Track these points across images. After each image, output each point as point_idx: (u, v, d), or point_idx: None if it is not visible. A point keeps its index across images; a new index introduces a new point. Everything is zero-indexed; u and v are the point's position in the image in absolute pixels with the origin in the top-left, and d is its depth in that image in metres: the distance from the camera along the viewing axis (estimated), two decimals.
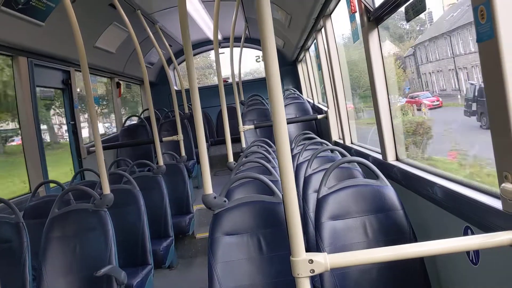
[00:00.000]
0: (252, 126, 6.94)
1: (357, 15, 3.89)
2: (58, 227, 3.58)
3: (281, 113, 1.61)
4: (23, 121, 5.15)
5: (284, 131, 1.62)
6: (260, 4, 1.60)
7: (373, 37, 3.62)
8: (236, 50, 8.42)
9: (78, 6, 4.65)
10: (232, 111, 7.63)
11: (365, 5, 3.58)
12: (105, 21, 6.42)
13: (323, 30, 5.67)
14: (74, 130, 6.37)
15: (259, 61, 11.92)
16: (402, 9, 3.06)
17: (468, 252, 2.30)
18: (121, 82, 8.65)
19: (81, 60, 3.79)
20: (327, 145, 4.65)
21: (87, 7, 5.52)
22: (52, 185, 5.33)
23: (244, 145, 6.14)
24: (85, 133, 7.35)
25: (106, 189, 3.71)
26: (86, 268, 3.41)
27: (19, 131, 5.24)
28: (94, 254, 3.45)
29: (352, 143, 5.48)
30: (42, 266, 3.47)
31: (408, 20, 2.99)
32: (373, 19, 3.55)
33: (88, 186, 4.43)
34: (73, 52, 5.94)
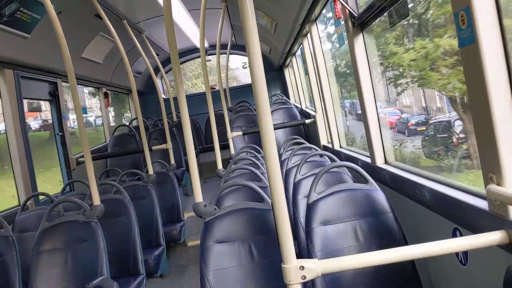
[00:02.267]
0: (240, 133, 6.94)
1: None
2: (49, 239, 3.56)
3: (268, 118, 1.63)
4: (10, 133, 5.11)
5: (271, 137, 1.63)
6: (244, 12, 1.62)
7: (359, 42, 3.65)
8: (223, 57, 8.44)
9: (63, 17, 4.65)
10: (220, 118, 7.64)
11: (349, 11, 3.62)
12: (91, 31, 6.40)
13: (308, 35, 5.72)
14: (62, 141, 6.33)
15: (245, 67, 11.97)
16: None
17: (457, 253, 2.33)
18: (108, 92, 8.62)
19: (68, 71, 3.79)
20: (316, 150, 4.68)
21: (73, 18, 5.51)
22: (41, 197, 5.28)
23: (233, 152, 6.15)
24: None
25: (96, 200, 3.70)
26: (78, 280, 3.39)
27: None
28: (86, 266, 3.43)
29: (341, 147, 5.51)
30: (33, 280, 3.43)
31: (391, 25, 3.03)
32: (358, 24, 3.59)
33: (78, 197, 4.41)
34: (60, 63, 5.91)
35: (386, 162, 3.65)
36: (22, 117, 5.20)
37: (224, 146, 6.93)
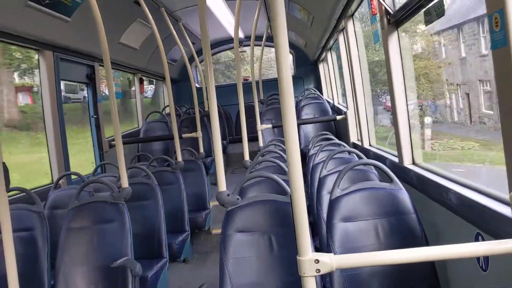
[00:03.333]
0: (269, 126, 6.94)
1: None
2: (77, 218, 3.68)
3: (291, 112, 1.64)
4: (47, 114, 5.29)
5: (294, 130, 1.64)
6: (275, 5, 1.62)
7: (393, 39, 3.61)
8: (258, 49, 8.45)
9: (104, 2, 4.76)
10: (251, 110, 7.68)
11: (385, 8, 3.57)
12: (129, 17, 6.53)
13: (344, 30, 5.67)
14: (97, 124, 6.51)
15: None
16: None
17: (478, 258, 2.30)
18: (144, 78, 8.78)
19: (104, 56, 3.89)
20: (344, 146, 4.65)
21: (113, 3, 5.64)
22: (73, 177, 5.46)
23: (261, 144, 6.17)
24: None
25: (125, 182, 3.80)
26: (103, 258, 3.50)
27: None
28: (111, 246, 3.53)
29: (370, 145, 5.46)
30: (60, 255, 3.56)
31: (427, 23, 2.98)
32: (393, 21, 3.54)
33: (108, 179, 4.54)
34: (98, 47, 6.06)
35: (413, 163, 3.60)
36: (59, 98, 5.38)
37: (253, 138, 6.97)
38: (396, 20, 3.50)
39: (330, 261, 1.68)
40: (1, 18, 4.11)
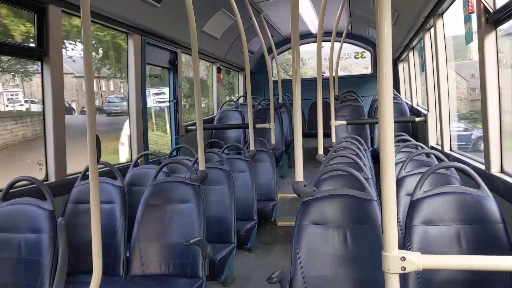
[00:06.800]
0: (344, 122, 6.83)
1: (473, 16, 3.70)
2: (155, 195, 3.83)
3: (389, 112, 1.61)
4: (132, 95, 5.55)
5: (390, 130, 1.61)
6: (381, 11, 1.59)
7: (490, 39, 3.42)
8: (336, 45, 8.33)
9: None
10: (325, 105, 7.59)
11: (484, 6, 3.39)
12: (214, 7, 6.68)
13: (432, 29, 5.44)
14: (176, 108, 6.74)
15: (357, 58, 11.72)
16: None
17: None
18: (221, 67, 8.97)
19: (193, 43, 3.98)
20: (423, 148, 4.49)
21: None
22: (150, 157, 5.70)
23: (333, 140, 6.09)
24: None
25: (202, 165, 3.90)
26: (176, 237, 3.62)
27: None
28: (185, 225, 3.65)
29: (451, 150, 5.22)
30: (137, 230, 3.73)
31: None
32: (492, 21, 3.35)
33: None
34: (181, 34, 6.28)
35: (502, 170, 3.40)
36: (143, 81, 5.62)
37: (325, 134, 6.89)
38: (496, 19, 3.31)
39: (418, 260, 1.63)
40: (97, 0, 4.34)
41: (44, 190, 3.18)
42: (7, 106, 4.98)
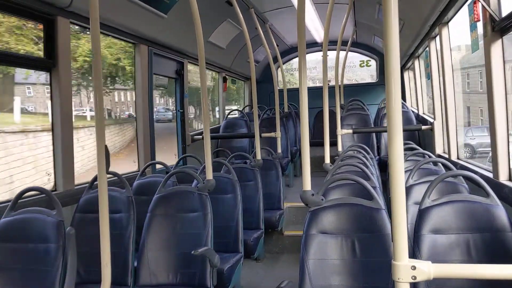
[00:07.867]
0: (350, 131, 6.82)
1: (479, 24, 3.71)
2: (163, 205, 3.84)
3: (398, 122, 1.62)
4: (139, 105, 5.58)
5: (399, 140, 1.62)
6: (387, 9, 1.61)
7: (496, 48, 3.42)
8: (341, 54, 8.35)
9: (198, 1, 4.95)
10: (330, 114, 7.60)
11: (490, 14, 3.40)
12: (220, 17, 6.73)
13: (437, 38, 5.45)
14: (182, 118, 6.77)
15: (363, 66, 11.74)
16: None
17: None
18: (227, 77, 9.01)
19: (200, 53, 4.01)
20: (430, 157, 4.48)
21: (205, 2, 5.83)
22: (158, 166, 5.71)
23: (339, 149, 6.09)
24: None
25: (210, 174, 3.91)
26: (184, 246, 3.62)
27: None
28: (193, 234, 3.65)
29: (458, 158, 5.20)
30: (145, 239, 3.73)
31: None
32: (498, 29, 3.36)
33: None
34: (188, 45, 6.33)
35: (510, 179, 3.38)
36: (150, 92, 5.65)
37: (331, 143, 6.89)
38: (501, 28, 3.32)
39: (428, 269, 1.63)
40: (105, 11, 4.38)
41: (52, 200, 3.20)
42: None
